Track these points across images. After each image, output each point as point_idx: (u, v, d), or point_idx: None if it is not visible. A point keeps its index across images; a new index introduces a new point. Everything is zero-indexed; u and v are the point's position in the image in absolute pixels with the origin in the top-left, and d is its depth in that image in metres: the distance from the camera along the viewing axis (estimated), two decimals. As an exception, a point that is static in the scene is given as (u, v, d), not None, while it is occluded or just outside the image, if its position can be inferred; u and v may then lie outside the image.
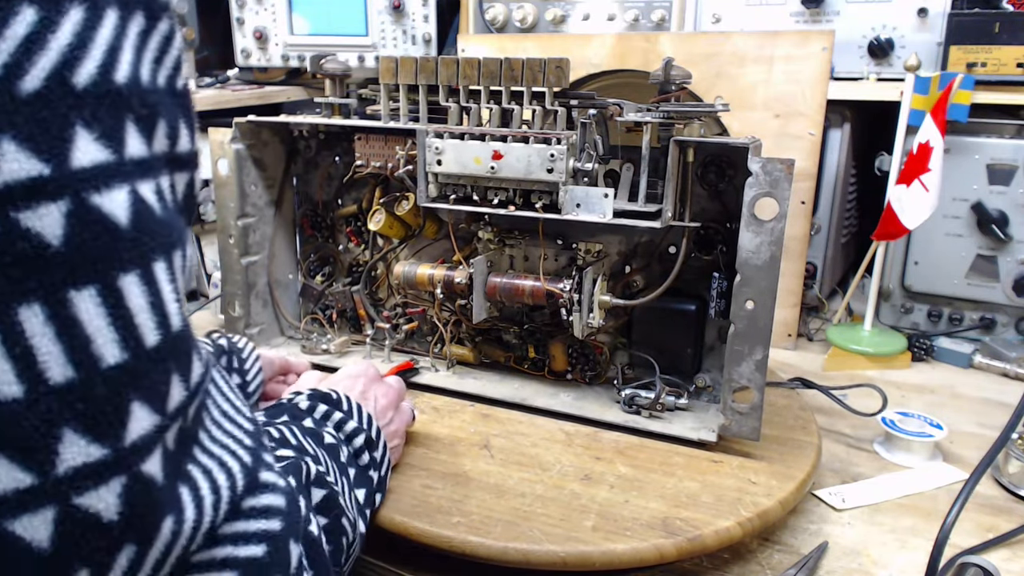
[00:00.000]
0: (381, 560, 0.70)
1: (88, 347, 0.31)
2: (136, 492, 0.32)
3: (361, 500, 0.61)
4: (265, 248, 1.06)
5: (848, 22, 1.24)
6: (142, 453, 0.32)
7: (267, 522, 0.39)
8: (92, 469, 0.31)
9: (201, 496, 0.36)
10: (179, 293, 0.35)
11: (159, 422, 0.33)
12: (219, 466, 0.38)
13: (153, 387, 0.33)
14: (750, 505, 0.71)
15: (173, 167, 0.37)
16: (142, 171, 0.34)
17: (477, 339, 1.00)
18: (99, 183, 0.31)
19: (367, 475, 0.64)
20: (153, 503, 0.33)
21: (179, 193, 0.38)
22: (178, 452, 0.36)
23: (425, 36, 1.48)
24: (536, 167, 0.81)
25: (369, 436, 0.66)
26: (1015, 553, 0.73)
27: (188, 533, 0.35)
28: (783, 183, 0.74)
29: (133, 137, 0.33)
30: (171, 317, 0.34)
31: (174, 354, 0.34)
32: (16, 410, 0.29)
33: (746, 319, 0.77)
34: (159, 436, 0.33)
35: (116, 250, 0.32)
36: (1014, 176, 1.13)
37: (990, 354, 1.16)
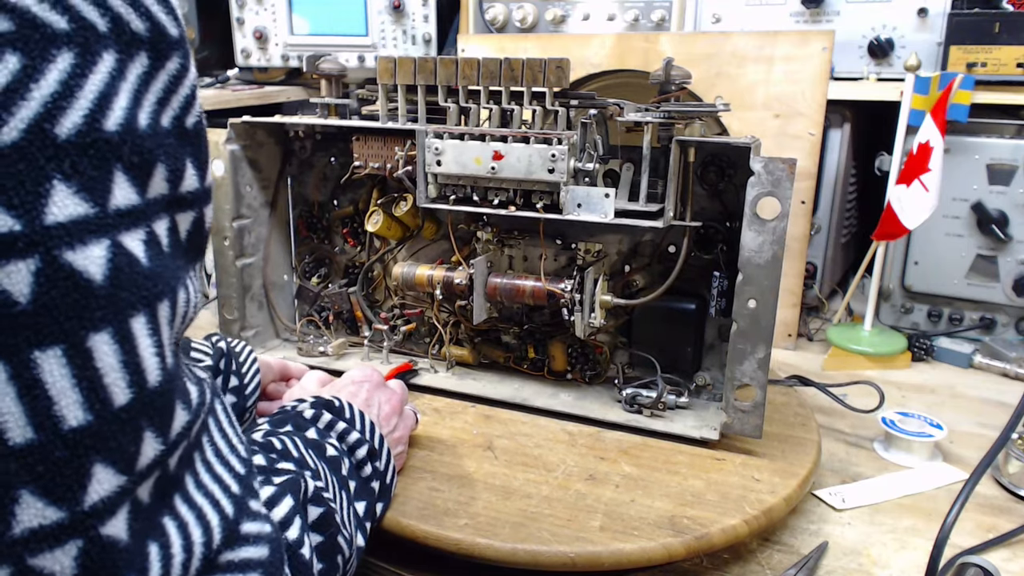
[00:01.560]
0: (386, 563, 0.70)
1: (50, 409, 0.30)
2: (93, 555, 0.31)
3: (360, 513, 0.61)
4: (260, 250, 1.06)
5: (848, 22, 1.24)
6: (102, 515, 0.32)
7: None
8: (47, 531, 0.30)
9: (171, 554, 0.35)
10: (163, 345, 0.34)
11: (123, 483, 0.32)
12: (197, 519, 0.37)
13: (119, 448, 0.32)
14: (755, 502, 0.71)
15: (174, 209, 0.36)
16: (129, 221, 0.33)
17: (476, 340, 1.00)
18: (74, 239, 0.30)
19: (368, 487, 0.64)
20: (112, 565, 0.32)
21: (183, 232, 0.37)
22: (154, 505, 0.35)
23: (425, 36, 1.48)
24: (537, 167, 0.81)
25: (372, 446, 0.65)
26: (1015, 553, 0.73)
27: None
28: (785, 183, 0.74)
29: (121, 186, 0.32)
30: (147, 373, 0.33)
31: (147, 411, 0.33)
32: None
33: (748, 317, 0.77)
34: (123, 497, 0.33)
35: (87, 308, 0.31)
36: (1014, 176, 1.13)
37: (990, 354, 1.16)
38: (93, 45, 0.31)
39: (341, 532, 0.54)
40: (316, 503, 0.53)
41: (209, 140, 1.08)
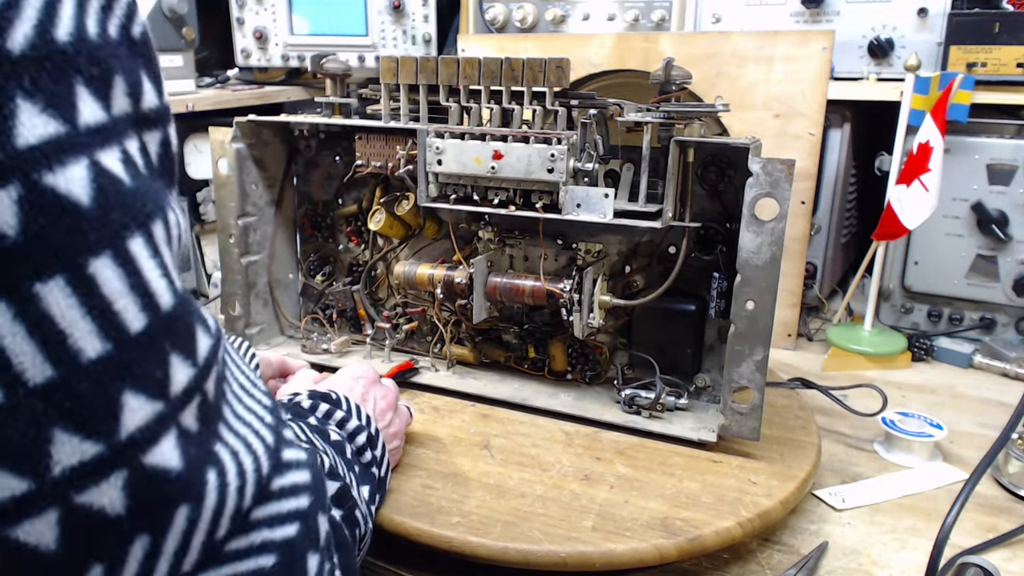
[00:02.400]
0: (381, 560, 0.70)
1: (64, 342, 0.29)
2: (141, 485, 0.31)
3: (366, 497, 0.61)
4: (265, 248, 1.06)
5: (848, 22, 1.24)
6: (142, 444, 0.31)
7: (296, 500, 0.38)
8: (89, 467, 0.29)
9: (227, 482, 0.34)
10: (167, 267, 0.33)
11: (160, 410, 0.31)
12: (245, 447, 0.36)
13: (145, 374, 0.31)
14: (750, 505, 0.71)
15: (141, 127, 0.34)
16: (102, 139, 0.31)
17: (477, 339, 1.00)
18: (51, 160, 0.28)
19: (370, 472, 0.65)
20: (164, 494, 0.31)
21: (153, 155, 0.35)
22: (203, 433, 0.34)
23: (425, 36, 1.48)
24: (536, 167, 0.81)
25: (370, 434, 0.66)
26: (1015, 553, 0.73)
27: (208, 519, 0.33)
28: (784, 183, 0.74)
29: (86, 102, 0.30)
30: (158, 296, 0.32)
31: (168, 335, 0.32)
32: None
33: (747, 319, 0.77)
34: (164, 424, 0.32)
35: (80, 233, 0.29)
36: (1014, 176, 1.13)
37: (990, 354, 1.16)
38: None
39: (358, 507, 0.55)
40: (332, 478, 0.53)
41: (214, 139, 1.09)
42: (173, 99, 1.38)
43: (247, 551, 0.35)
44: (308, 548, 0.38)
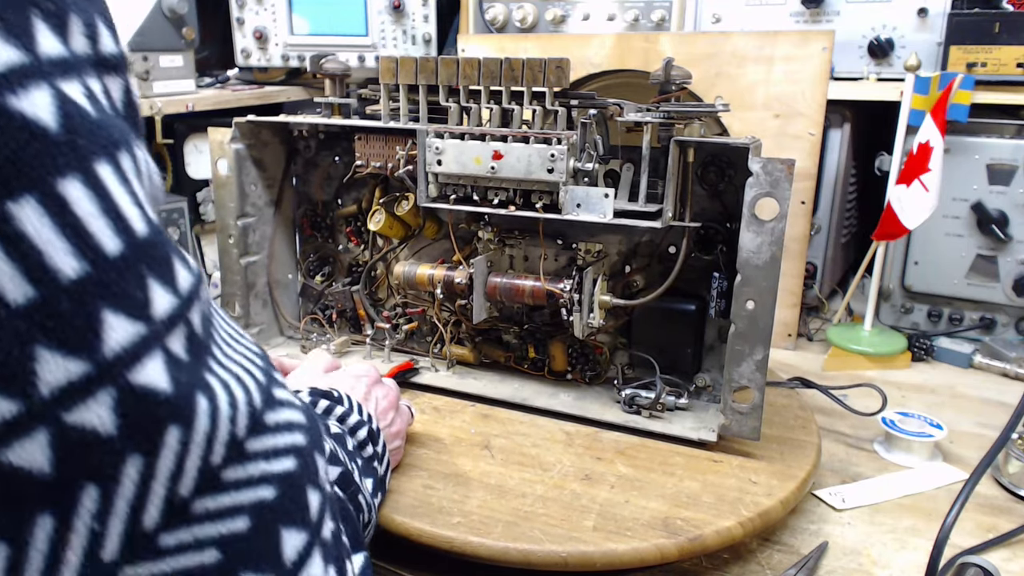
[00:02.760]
0: (381, 560, 0.70)
1: (42, 261, 0.29)
2: (130, 404, 0.31)
3: (370, 489, 0.62)
4: (265, 248, 1.06)
5: (848, 22, 1.24)
6: (127, 363, 0.31)
7: (292, 436, 0.38)
8: (76, 385, 0.30)
9: (218, 407, 0.35)
10: (139, 197, 0.33)
11: (142, 331, 0.32)
12: (236, 381, 0.37)
13: (124, 294, 0.31)
14: (751, 505, 0.71)
15: (101, 70, 0.34)
16: (63, 71, 0.31)
17: (477, 339, 1.00)
18: (14, 84, 0.29)
19: (372, 466, 0.65)
20: (153, 415, 0.32)
21: (117, 100, 0.35)
22: (193, 362, 0.35)
23: (425, 36, 1.48)
24: (536, 167, 0.81)
25: (371, 430, 0.66)
26: (1015, 553, 0.73)
27: (202, 443, 0.34)
28: (784, 183, 0.74)
29: (44, 34, 0.31)
30: (131, 222, 0.32)
31: (145, 259, 0.33)
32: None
33: (747, 319, 0.77)
34: (148, 345, 0.32)
35: (49, 155, 0.30)
36: (1014, 176, 1.13)
37: (990, 354, 1.16)
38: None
39: (362, 492, 0.55)
40: (334, 463, 0.54)
41: (213, 139, 1.09)
42: (173, 99, 1.39)
43: (246, 482, 0.35)
44: (307, 482, 0.38)
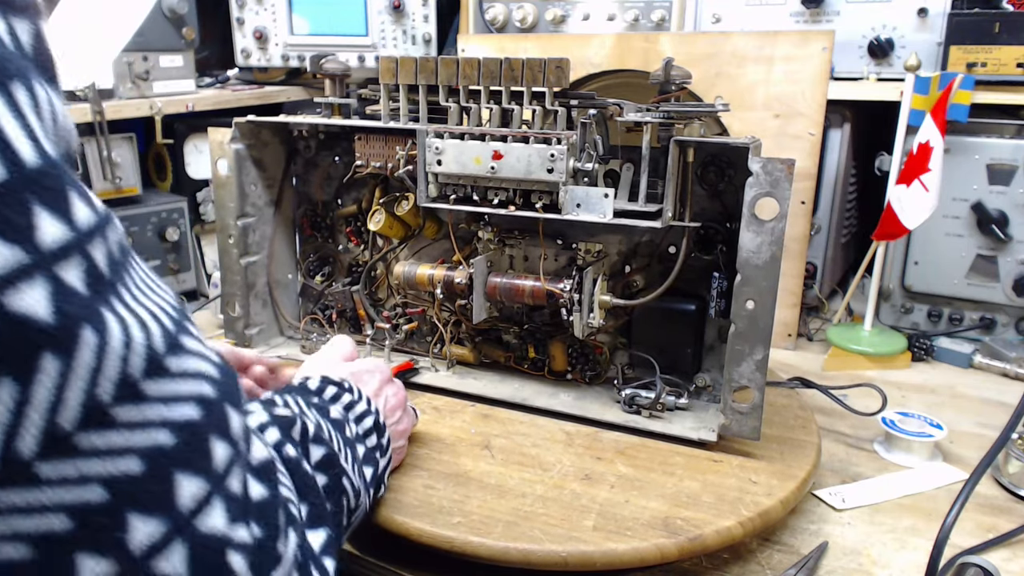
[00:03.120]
0: (382, 560, 0.70)
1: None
2: (3, 326, 0.31)
3: (368, 478, 0.62)
4: (264, 248, 1.06)
5: (848, 22, 1.24)
6: (2, 286, 0.31)
7: (197, 384, 0.38)
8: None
9: (107, 343, 0.34)
10: (33, 130, 0.33)
11: (23, 257, 0.32)
12: (138, 323, 0.36)
13: (5, 219, 0.31)
14: (751, 504, 0.71)
15: (7, 11, 0.35)
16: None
17: (477, 339, 1.00)
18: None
19: (374, 456, 0.65)
20: (27, 339, 0.32)
21: (24, 43, 0.36)
22: (89, 296, 0.34)
23: (425, 36, 1.48)
24: (536, 167, 0.81)
25: (377, 421, 0.67)
26: (1015, 553, 0.73)
27: (85, 377, 0.33)
28: (783, 183, 0.74)
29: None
30: (19, 150, 0.32)
31: (32, 188, 0.32)
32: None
33: (747, 319, 0.77)
34: (28, 273, 0.32)
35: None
36: (1014, 176, 1.13)
37: (990, 354, 1.16)
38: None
39: (347, 475, 0.55)
40: (318, 443, 0.54)
41: (213, 139, 1.09)
42: (173, 99, 1.39)
43: (141, 424, 0.35)
44: (213, 433, 0.37)
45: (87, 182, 1.29)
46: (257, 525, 0.40)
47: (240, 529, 0.38)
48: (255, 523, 0.39)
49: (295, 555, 0.42)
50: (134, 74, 1.36)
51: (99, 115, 1.25)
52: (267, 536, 0.40)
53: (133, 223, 1.33)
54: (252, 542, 0.39)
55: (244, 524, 0.38)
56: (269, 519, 0.41)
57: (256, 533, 0.39)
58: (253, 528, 0.39)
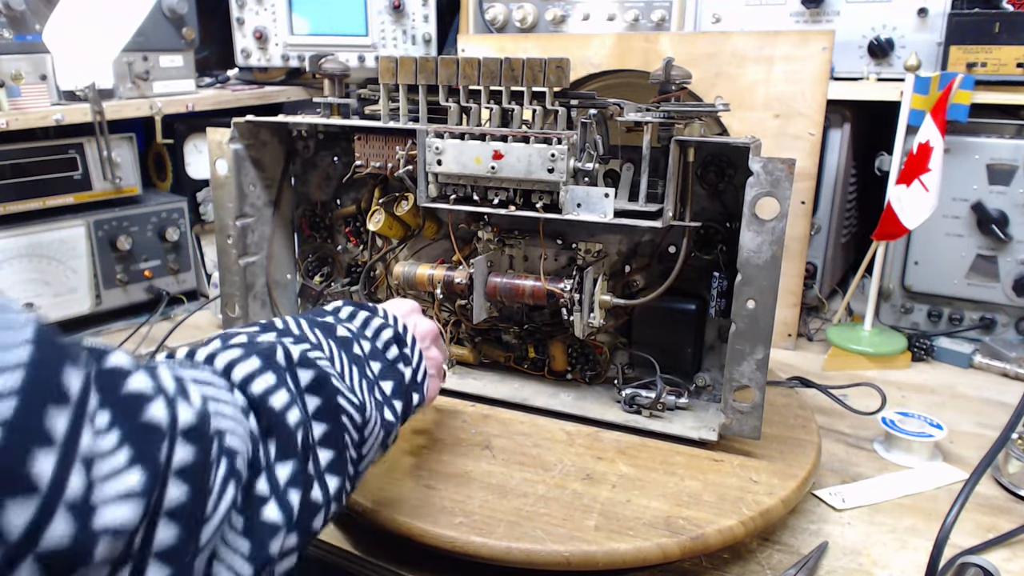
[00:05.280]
0: (383, 561, 0.70)
1: None
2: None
3: (388, 392, 0.62)
4: (263, 248, 1.06)
5: (848, 22, 1.24)
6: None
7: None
8: None
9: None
10: None
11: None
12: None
13: None
14: (752, 504, 0.71)
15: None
16: None
17: (477, 339, 1.00)
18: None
19: (396, 369, 0.65)
20: None
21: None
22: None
23: (425, 36, 1.48)
24: (537, 167, 0.81)
25: (397, 332, 0.67)
26: (1015, 553, 0.73)
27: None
28: (784, 183, 0.74)
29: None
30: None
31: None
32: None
33: (747, 318, 0.77)
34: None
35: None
36: (1014, 176, 1.13)
37: (990, 354, 1.16)
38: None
39: (343, 396, 0.55)
40: (305, 365, 0.54)
41: (212, 139, 1.09)
42: (173, 99, 1.39)
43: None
44: (29, 449, 0.34)
45: (87, 182, 1.29)
46: (182, 486, 0.40)
47: (124, 508, 0.37)
48: (178, 484, 0.40)
49: (227, 510, 0.43)
50: (134, 74, 1.36)
51: (99, 115, 1.25)
52: (193, 497, 0.40)
53: (133, 223, 1.33)
54: (176, 505, 0.39)
55: (135, 500, 0.37)
56: (195, 482, 0.41)
57: (181, 496, 0.40)
58: (172, 490, 0.39)
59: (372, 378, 0.62)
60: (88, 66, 1.20)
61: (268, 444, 0.49)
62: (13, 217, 1.20)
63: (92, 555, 0.35)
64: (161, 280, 1.38)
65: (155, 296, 1.36)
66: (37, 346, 0.35)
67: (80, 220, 1.26)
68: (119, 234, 1.30)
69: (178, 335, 1.22)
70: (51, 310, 1.24)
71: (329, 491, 0.53)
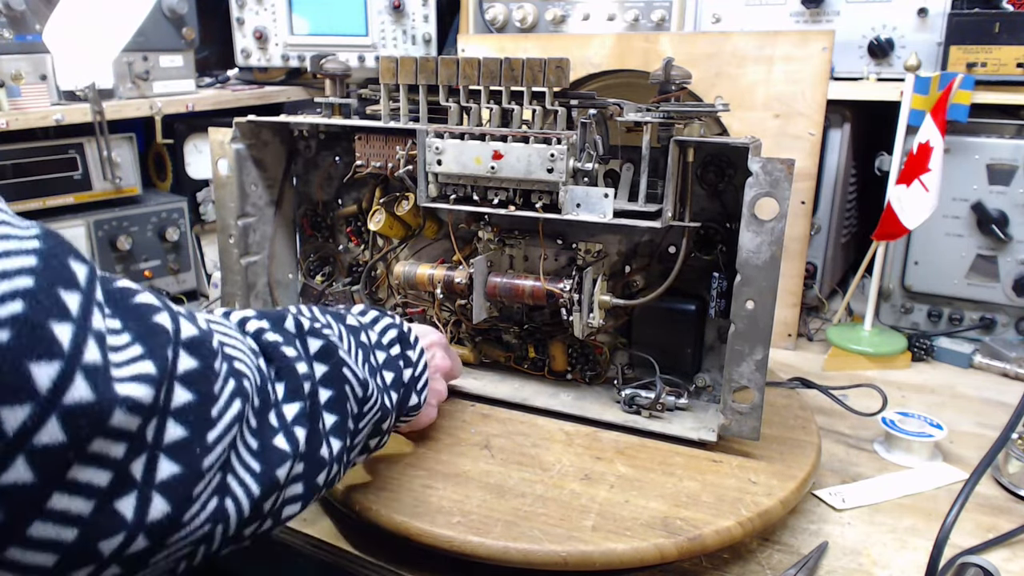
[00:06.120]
0: (381, 560, 0.70)
1: None
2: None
3: (388, 381, 0.65)
4: (265, 248, 1.06)
5: (848, 22, 1.24)
6: None
7: (11, 282, 0.36)
8: None
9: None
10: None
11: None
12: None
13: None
14: (751, 505, 0.71)
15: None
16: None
17: (477, 339, 1.01)
18: None
19: (397, 363, 0.68)
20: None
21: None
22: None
23: (425, 36, 1.48)
24: (536, 167, 0.81)
25: (401, 332, 0.70)
26: (1015, 553, 0.73)
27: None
28: (783, 183, 0.74)
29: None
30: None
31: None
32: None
33: (746, 319, 0.77)
34: None
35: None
36: (1014, 176, 1.13)
37: (990, 354, 1.16)
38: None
39: (348, 366, 0.58)
40: (314, 335, 0.58)
41: (214, 139, 1.09)
42: (173, 99, 1.39)
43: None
44: (49, 318, 0.37)
45: (87, 182, 1.29)
46: (188, 391, 0.43)
47: (138, 387, 0.39)
48: (186, 390, 0.43)
49: (233, 420, 0.46)
50: (134, 74, 1.36)
51: (99, 115, 1.25)
52: (199, 401, 0.43)
53: (133, 223, 1.33)
54: (183, 404, 0.42)
55: (147, 385, 0.40)
56: (200, 387, 0.44)
57: (188, 397, 0.43)
58: (180, 393, 0.42)
59: (375, 365, 0.65)
60: (88, 66, 1.20)
61: (276, 385, 0.53)
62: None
63: (110, 418, 0.38)
64: (161, 280, 1.38)
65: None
66: (44, 239, 0.39)
67: (80, 220, 1.26)
68: (119, 234, 1.30)
69: (178, 335, 1.22)
70: (51, 310, 1.24)
71: (333, 451, 0.56)
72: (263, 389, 0.51)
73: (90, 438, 0.37)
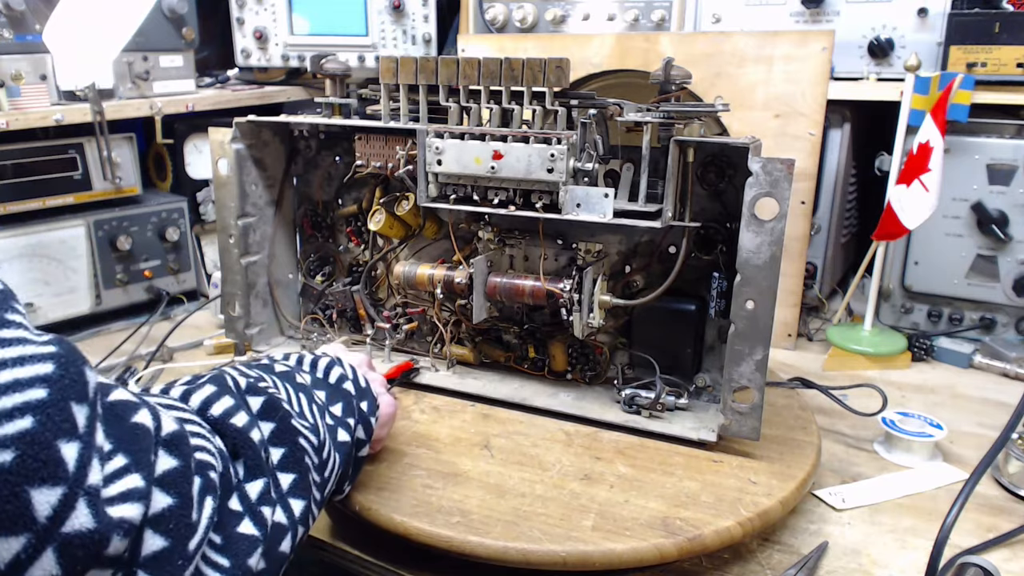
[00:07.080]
0: (381, 560, 0.70)
1: None
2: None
3: (339, 413, 0.64)
4: (265, 248, 1.06)
5: (848, 22, 1.24)
6: None
7: (25, 394, 0.36)
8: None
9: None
10: None
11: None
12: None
13: None
14: (750, 505, 0.71)
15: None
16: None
17: (477, 339, 1.00)
18: None
19: (342, 389, 0.67)
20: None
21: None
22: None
23: (425, 36, 1.48)
24: (536, 167, 0.81)
25: (332, 360, 0.69)
26: (1015, 553, 0.73)
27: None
28: (783, 183, 0.74)
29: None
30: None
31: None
32: None
33: (746, 319, 0.77)
34: None
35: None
36: (1014, 176, 1.13)
37: (990, 354, 1.16)
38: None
39: (293, 417, 0.56)
40: (254, 393, 0.55)
41: (214, 139, 1.09)
42: (173, 99, 1.39)
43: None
44: (57, 437, 0.36)
45: (87, 182, 1.29)
46: (168, 495, 0.41)
47: (130, 507, 0.38)
48: (166, 493, 0.41)
49: (209, 521, 0.44)
50: (134, 74, 1.36)
51: (99, 115, 1.25)
52: (179, 504, 0.41)
53: (133, 223, 1.33)
54: (163, 511, 0.40)
55: (137, 502, 0.38)
56: (180, 488, 0.42)
57: (168, 502, 0.40)
58: (159, 498, 0.40)
59: (321, 403, 0.63)
60: (88, 66, 1.20)
61: (236, 464, 0.50)
62: (13, 217, 1.20)
63: (107, 547, 0.36)
64: (161, 280, 1.38)
65: (155, 296, 1.36)
66: (59, 344, 0.38)
67: (80, 220, 1.26)
68: (119, 234, 1.30)
69: (178, 335, 1.22)
70: (51, 310, 1.24)
71: (294, 514, 0.53)
72: (224, 475, 0.48)
73: (84, 571, 0.36)
